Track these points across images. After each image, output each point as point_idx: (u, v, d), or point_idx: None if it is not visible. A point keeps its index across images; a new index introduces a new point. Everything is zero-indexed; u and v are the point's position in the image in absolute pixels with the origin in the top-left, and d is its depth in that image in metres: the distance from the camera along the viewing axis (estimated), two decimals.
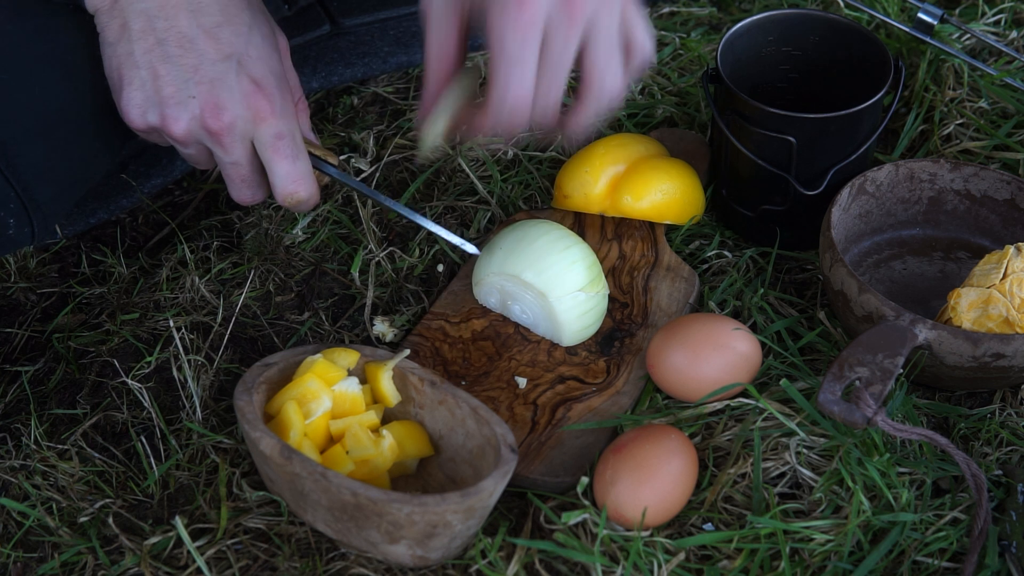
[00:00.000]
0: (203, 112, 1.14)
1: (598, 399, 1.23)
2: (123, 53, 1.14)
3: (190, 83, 1.13)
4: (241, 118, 1.14)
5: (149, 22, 1.13)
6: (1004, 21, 1.59)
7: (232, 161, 1.17)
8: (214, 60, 1.13)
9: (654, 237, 1.36)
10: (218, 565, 1.13)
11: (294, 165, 1.17)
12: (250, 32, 1.15)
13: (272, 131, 1.16)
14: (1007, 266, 1.22)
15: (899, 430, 1.12)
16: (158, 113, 1.14)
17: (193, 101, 1.13)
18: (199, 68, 1.13)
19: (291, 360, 1.20)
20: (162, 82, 1.13)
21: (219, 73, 1.13)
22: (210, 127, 1.14)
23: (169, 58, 1.13)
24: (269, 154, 1.17)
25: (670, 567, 1.10)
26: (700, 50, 1.57)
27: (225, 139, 1.15)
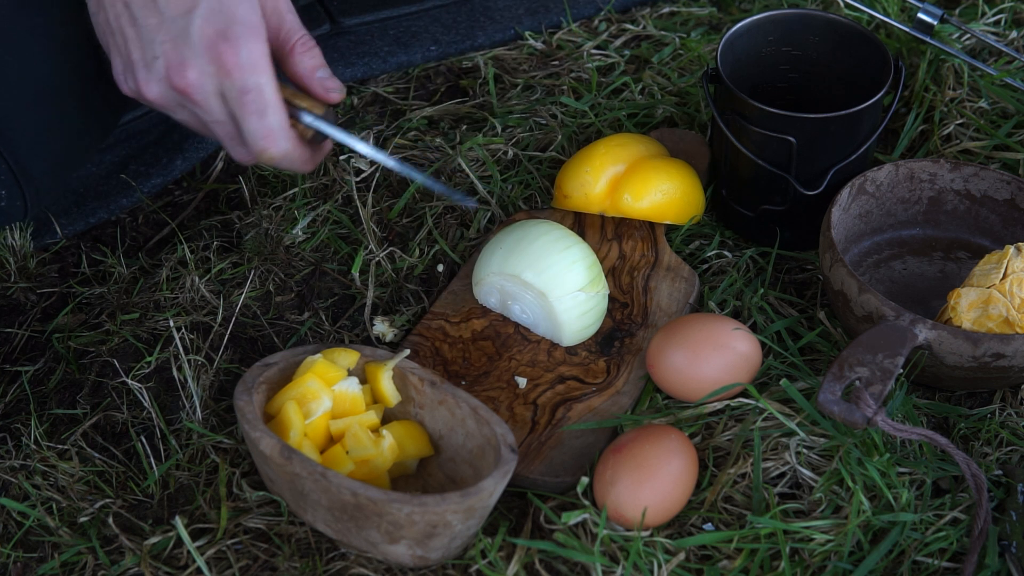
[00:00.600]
0: (168, 71, 1.09)
1: (598, 399, 1.23)
2: (102, 21, 1.11)
3: (154, 43, 1.09)
4: (206, 73, 1.09)
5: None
6: (1004, 21, 1.59)
7: (214, 120, 1.12)
8: (175, 16, 1.09)
9: (654, 237, 1.36)
10: (218, 565, 1.13)
11: (261, 121, 1.10)
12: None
13: (237, 86, 1.10)
14: (1007, 266, 1.22)
15: (899, 430, 1.12)
16: (132, 77, 1.11)
17: (158, 61, 1.09)
18: (161, 26, 1.09)
19: (291, 360, 1.20)
20: (131, 45, 1.10)
21: (180, 29, 1.09)
22: (176, 85, 1.10)
23: (135, 20, 1.09)
24: (236, 109, 1.11)
25: (670, 567, 1.10)
26: (700, 50, 1.57)
27: (195, 96, 1.10)
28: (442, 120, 1.53)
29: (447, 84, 1.58)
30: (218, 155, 1.51)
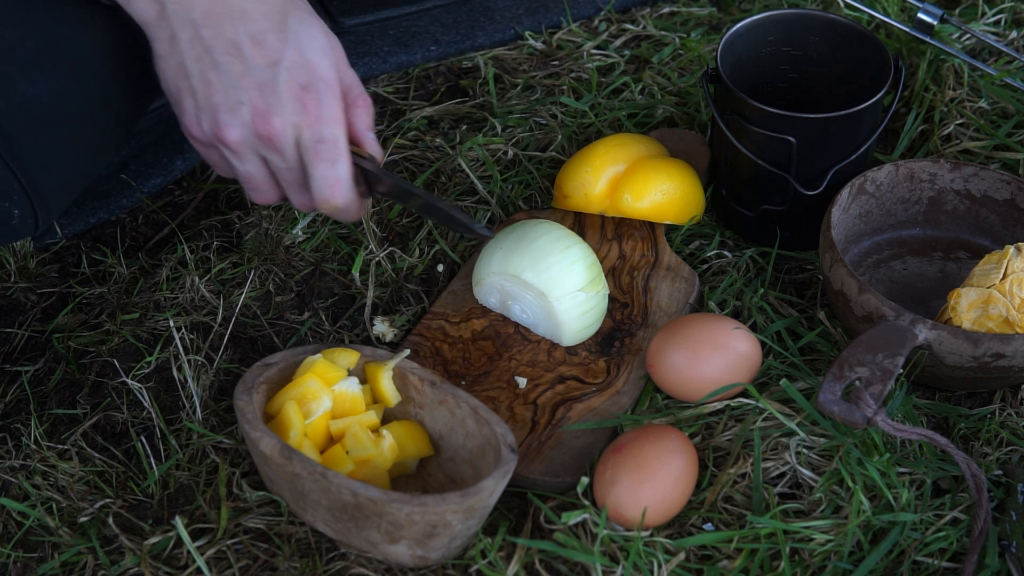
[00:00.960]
0: (253, 118, 1.14)
1: (598, 399, 1.23)
2: (175, 65, 1.14)
3: (239, 89, 1.13)
4: (289, 123, 1.14)
5: (195, 31, 1.13)
6: (1004, 21, 1.59)
7: (285, 166, 1.17)
8: (261, 66, 1.13)
9: (654, 237, 1.36)
10: (218, 565, 1.13)
11: (332, 168, 1.16)
12: (296, 37, 1.15)
13: (314, 135, 1.15)
14: (1007, 266, 1.22)
15: (899, 430, 1.12)
16: (211, 120, 1.14)
17: (243, 107, 1.13)
18: (247, 74, 1.13)
19: (291, 360, 1.20)
20: (212, 89, 1.14)
21: (267, 79, 1.13)
22: (260, 132, 1.14)
23: (217, 65, 1.13)
24: (309, 158, 1.16)
25: (670, 567, 1.10)
26: (700, 50, 1.57)
27: (277, 143, 1.15)
28: (442, 120, 1.53)
29: (447, 84, 1.58)
30: None
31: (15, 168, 1.13)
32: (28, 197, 1.14)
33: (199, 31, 1.13)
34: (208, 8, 1.13)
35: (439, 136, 1.50)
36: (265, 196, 1.20)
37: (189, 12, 1.13)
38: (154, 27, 1.14)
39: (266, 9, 1.14)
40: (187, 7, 1.13)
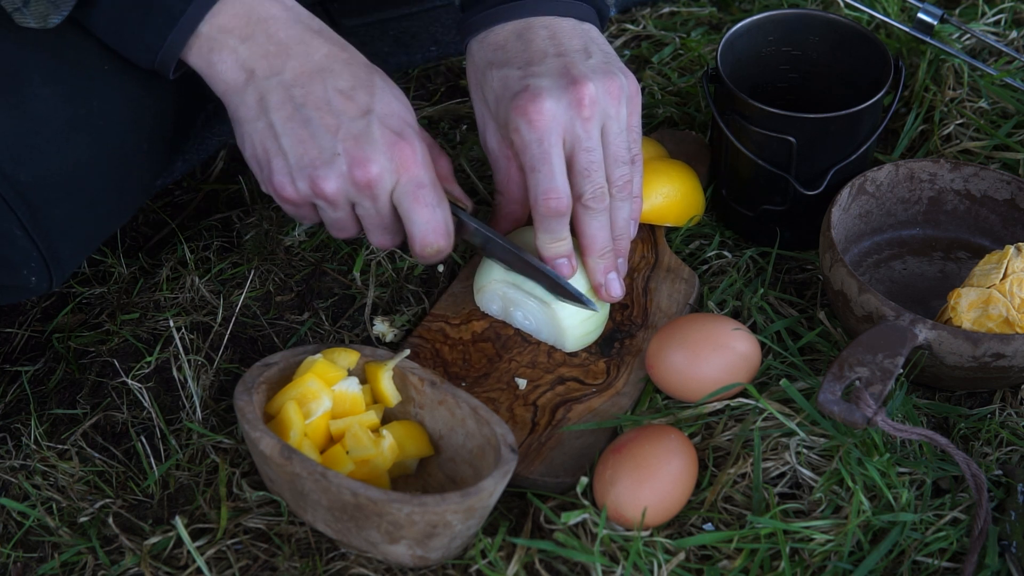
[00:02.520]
0: (350, 167, 1.15)
1: (598, 400, 1.23)
2: (263, 127, 1.16)
3: (334, 141, 1.15)
4: (387, 169, 1.16)
5: (286, 91, 1.16)
6: (1004, 21, 1.59)
7: (378, 213, 1.19)
8: (354, 117, 1.16)
9: (654, 239, 1.36)
10: (218, 565, 1.13)
11: (434, 213, 1.18)
12: (382, 92, 1.18)
13: (414, 180, 1.17)
14: (1007, 266, 1.22)
15: (899, 430, 1.12)
16: (307, 176, 1.16)
17: (339, 158, 1.15)
18: (340, 126, 1.15)
19: (291, 360, 1.20)
20: (306, 146, 1.16)
21: (361, 128, 1.16)
22: (359, 181, 1.16)
23: (309, 121, 1.15)
24: (409, 203, 1.18)
25: (670, 567, 1.10)
26: (700, 50, 1.57)
27: (375, 190, 1.17)
28: (442, 120, 1.53)
29: (447, 84, 1.58)
30: (218, 155, 1.51)
31: (37, 239, 1.15)
32: (46, 264, 1.16)
33: (290, 91, 1.16)
34: (298, 70, 1.16)
35: (439, 136, 1.51)
36: (348, 233, 1.22)
37: (280, 75, 1.16)
38: (240, 94, 1.17)
39: (353, 70, 1.18)
40: (277, 70, 1.16)
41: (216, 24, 1.14)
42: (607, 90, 1.18)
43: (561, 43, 1.20)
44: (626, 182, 1.21)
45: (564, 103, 1.16)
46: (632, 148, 1.22)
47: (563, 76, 1.17)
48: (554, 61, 1.18)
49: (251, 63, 1.15)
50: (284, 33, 1.16)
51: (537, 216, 1.19)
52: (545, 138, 1.16)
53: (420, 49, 1.58)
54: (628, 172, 1.21)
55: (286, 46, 1.16)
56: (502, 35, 1.21)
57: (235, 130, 1.19)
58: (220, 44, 1.15)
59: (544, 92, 1.16)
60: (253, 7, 1.15)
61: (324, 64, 1.17)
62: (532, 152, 1.17)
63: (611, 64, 1.20)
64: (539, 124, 1.16)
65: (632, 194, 1.23)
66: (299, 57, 1.16)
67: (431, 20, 1.61)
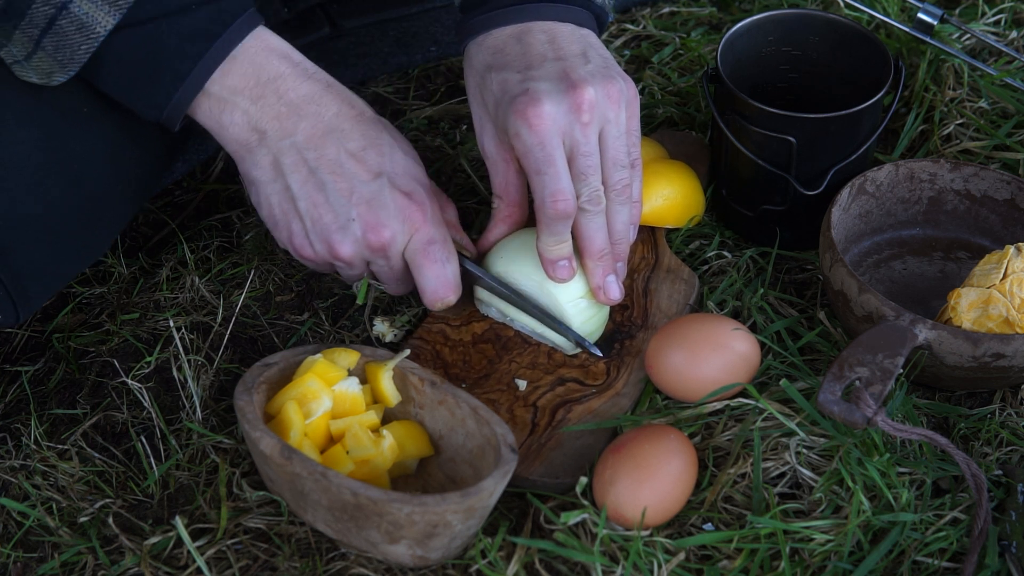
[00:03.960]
0: (365, 232, 1.19)
1: (598, 401, 1.23)
2: (280, 189, 1.19)
3: (348, 206, 1.18)
4: (399, 232, 1.19)
5: (299, 154, 1.18)
6: (1004, 21, 1.59)
7: (391, 268, 1.22)
8: (366, 180, 1.18)
9: (654, 239, 1.36)
10: (218, 565, 1.13)
11: (444, 268, 1.21)
12: (391, 150, 1.21)
13: (425, 238, 1.20)
14: (1007, 266, 1.22)
15: (899, 430, 1.12)
16: (323, 241, 1.19)
17: (354, 223, 1.18)
18: (354, 191, 1.18)
19: (291, 360, 1.20)
20: (321, 210, 1.18)
21: (373, 192, 1.18)
22: (373, 245, 1.19)
23: (324, 185, 1.18)
24: (420, 259, 1.21)
25: (670, 567, 1.10)
26: (700, 50, 1.57)
27: (389, 252, 1.20)
28: (442, 120, 1.53)
29: (447, 84, 1.58)
30: (218, 155, 1.51)
31: (5, 278, 1.16)
32: (13, 302, 1.17)
33: (303, 154, 1.18)
34: (310, 132, 1.18)
35: (439, 136, 1.51)
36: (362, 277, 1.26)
37: (291, 137, 1.18)
38: (253, 155, 1.19)
39: (363, 128, 1.20)
40: (289, 132, 1.18)
41: (226, 85, 1.16)
42: (606, 94, 1.18)
43: (560, 47, 1.20)
44: (624, 186, 1.21)
45: (564, 107, 1.16)
46: (631, 152, 1.22)
47: (562, 80, 1.17)
48: (553, 65, 1.18)
49: (262, 124, 1.17)
50: (295, 93, 1.17)
51: (543, 218, 1.20)
52: (547, 141, 1.17)
53: (420, 49, 1.58)
54: (627, 176, 1.21)
55: (297, 107, 1.18)
56: (500, 38, 1.21)
57: (248, 189, 1.21)
58: (231, 105, 1.17)
59: (544, 96, 1.16)
60: (262, 66, 1.17)
61: (335, 124, 1.18)
62: (535, 156, 1.17)
63: (609, 69, 1.20)
64: (540, 128, 1.16)
65: (631, 198, 1.23)
66: (310, 118, 1.18)
67: (431, 20, 1.61)
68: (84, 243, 1.22)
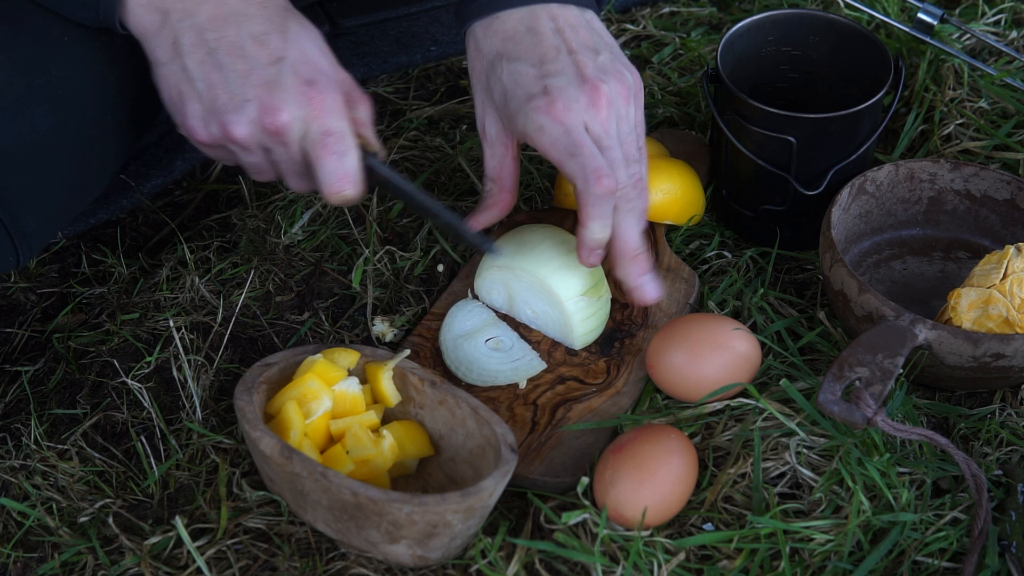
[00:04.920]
0: (260, 114, 1.15)
1: (598, 399, 1.23)
2: (177, 70, 1.16)
3: (245, 87, 1.15)
4: (296, 117, 1.16)
5: (199, 35, 1.15)
6: (1004, 21, 1.59)
7: (288, 159, 1.19)
8: (265, 64, 1.16)
9: (654, 238, 1.36)
10: (218, 565, 1.13)
11: (341, 160, 1.17)
12: (297, 38, 1.18)
13: (322, 128, 1.17)
14: (1007, 266, 1.22)
15: (899, 430, 1.12)
16: (217, 121, 1.16)
17: (250, 104, 1.15)
18: (252, 72, 1.15)
19: (291, 360, 1.20)
20: (218, 90, 1.15)
21: (272, 76, 1.15)
22: (268, 127, 1.16)
23: (222, 66, 1.15)
24: (318, 150, 1.17)
25: (670, 567, 1.10)
26: (700, 50, 1.57)
27: (285, 137, 1.16)
28: (442, 120, 1.53)
29: (447, 84, 1.58)
30: None
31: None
32: (10, 236, 1.15)
33: (203, 35, 1.15)
34: (212, 13, 1.15)
35: (439, 136, 1.51)
36: (266, 177, 1.22)
37: (193, 18, 1.15)
38: (156, 37, 1.16)
39: (268, 14, 1.17)
40: (191, 12, 1.15)
41: None
42: (618, 92, 1.19)
43: (568, 38, 1.20)
44: (638, 180, 1.21)
45: (582, 104, 1.17)
46: (640, 144, 1.23)
47: (578, 76, 1.18)
48: (567, 60, 1.19)
49: (165, 4, 1.15)
50: None
51: (590, 199, 1.19)
52: (574, 128, 1.17)
53: (420, 49, 1.58)
54: (639, 170, 1.21)
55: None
56: (510, 24, 1.21)
57: (153, 73, 1.18)
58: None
59: (563, 93, 1.17)
60: None
61: (238, 8, 1.16)
62: (564, 142, 1.17)
63: (616, 61, 1.21)
64: (565, 119, 1.17)
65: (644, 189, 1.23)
66: (214, 1, 1.15)
67: (431, 20, 1.62)
68: (78, 175, 1.20)
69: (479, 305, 1.30)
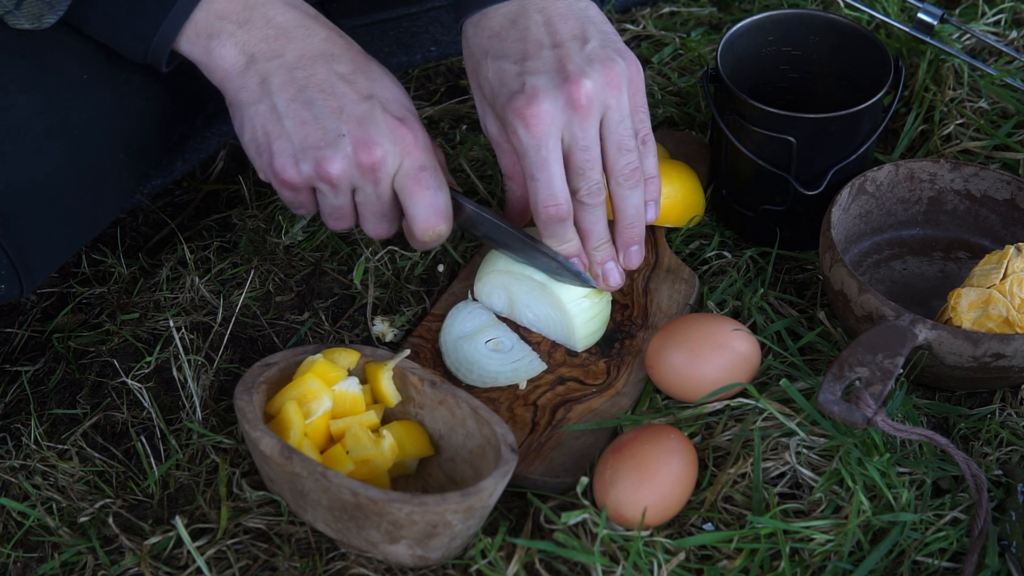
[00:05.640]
0: (356, 149, 1.15)
1: (598, 400, 1.23)
2: (265, 110, 1.16)
3: (338, 123, 1.16)
4: (390, 152, 1.17)
5: (288, 73, 1.16)
6: (1004, 21, 1.59)
7: (378, 197, 1.19)
8: (356, 100, 1.16)
9: (654, 239, 1.36)
10: (218, 565, 1.13)
11: (436, 196, 1.19)
12: (382, 78, 1.19)
13: (417, 163, 1.18)
14: (1007, 266, 1.22)
15: (899, 430, 1.12)
16: (311, 158, 1.16)
17: (344, 139, 1.15)
18: (344, 109, 1.16)
19: (291, 360, 1.20)
20: (310, 127, 1.15)
21: (364, 112, 1.16)
22: (364, 163, 1.16)
23: (313, 103, 1.15)
24: (412, 185, 1.18)
25: (670, 567, 1.10)
26: (700, 50, 1.57)
27: (379, 173, 1.17)
28: (442, 120, 1.53)
29: (447, 84, 1.58)
30: (218, 155, 1.51)
31: (7, 246, 1.15)
32: (16, 271, 1.16)
33: (292, 73, 1.16)
34: (299, 53, 1.16)
35: (439, 136, 1.51)
36: (344, 224, 1.22)
37: (281, 57, 1.16)
38: (240, 78, 1.16)
39: (352, 55, 1.18)
40: (278, 52, 1.16)
41: (212, 10, 1.14)
42: (605, 81, 1.17)
43: (557, 30, 1.18)
44: (633, 169, 1.20)
45: (561, 103, 1.16)
46: (640, 130, 1.21)
47: (559, 73, 1.16)
48: (550, 54, 1.17)
49: (251, 47, 1.15)
50: (282, 17, 1.16)
51: (539, 222, 1.19)
52: (543, 144, 1.16)
53: (420, 49, 1.58)
54: (635, 159, 1.20)
55: (286, 30, 1.16)
56: (496, 20, 1.20)
57: (233, 116, 1.18)
58: (218, 30, 1.15)
59: (540, 93, 1.15)
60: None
61: (325, 48, 1.17)
62: (530, 159, 1.16)
63: (608, 48, 1.18)
64: (536, 129, 1.15)
65: (642, 178, 1.22)
66: (300, 40, 1.16)
67: (431, 20, 1.62)
68: (87, 212, 1.21)
69: (479, 306, 1.30)
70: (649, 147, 1.22)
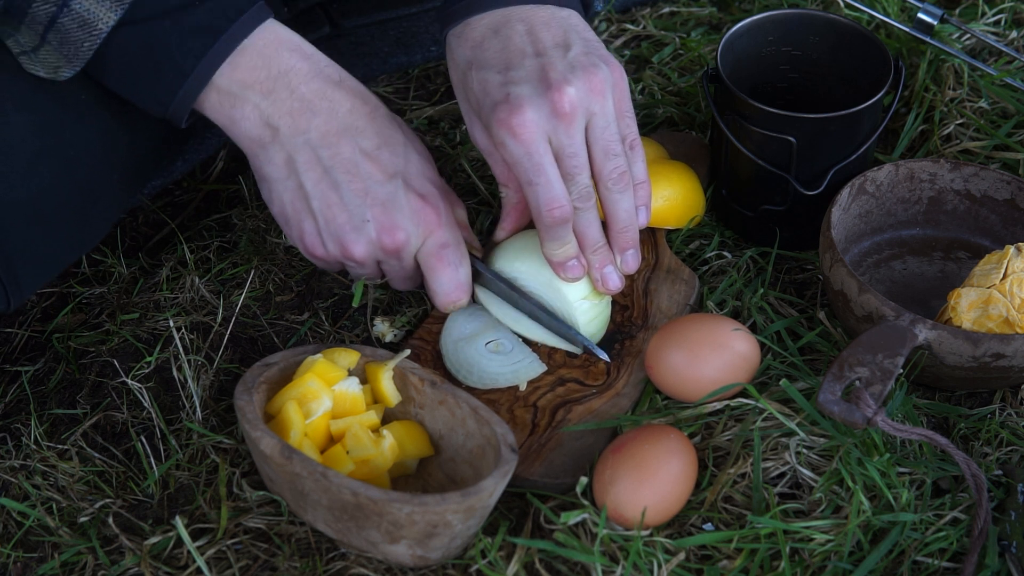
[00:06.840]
0: (379, 234, 1.19)
1: (598, 401, 1.23)
2: (293, 187, 1.18)
3: (363, 207, 1.18)
4: (413, 234, 1.20)
5: (313, 152, 1.17)
6: (1004, 21, 1.59)
7: (402, 267, 1.23)
8: (381, 181, 1.18)
9: (654, 240, 1.36)
10: (218, 565, 1.13)
11: (456, 272, 1.22)
12: (406, 150, 1.20)
13: (438, 241, 1.21)
14: (1007, 266, 1.22)
15: (899, 430, 1.12)
16: (336, 241, 1.19)
17: (368, 224, 1.18)
18: (368, 191, 1.18)
19: (291, 360, 1.20)
20: (335, 210, 1.18)
21: (388, 194, 1.18)
22: (387, 247, 1.19)
23: (338, 185, 1.17)
24: (433, 262, 1.21)
25: (670, 567, 1.10)
26: (700, 50, 1.57)
27: (403, 254, 1.20)
28: (442, 120, 1.53)
29: (447, 84, 1.58)
30: (218, 156, 1.51)
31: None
32: (3, 285, 1.16)
33: (317, 152, 1.17)
34: (323, 129, 1.17)
35: (439, 136, 1.51)
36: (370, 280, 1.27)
37: (305, 134, 1.17)
38: (266, 151, 1.18)
39: (377, 126, 1.19)
40: (303, 129, 1.17)
41: (236, 79, 1.15)
42: (589, 88, 1.17)
43: (539, 39, 1.18)
44: (621, 173, 1.20)
45: (545, 111, 1.15)
46: (627, 135, 1.21)
47: (542, 82, 1.16)
48: (532, 63, 1.17)
49: (275, 120, 1.16)
50: (306, 87, 1.16)
51: (542, 227, 1.19)
52: (533, 150, 1.16)
53: (420, 49, 1.58)
54: (622, 163, 1.20)
55: (310, 102, 1.17)
56: (479, 30, 1.19)
57: (260, 184, 1.20)
58: (242, 100, 1.16)
59: (524, 102, 1.15)
60: (272, 59, 1.16)
61: (349, 122, 1.18)
62: (524, 166, 1.16)
63: (591, 55, 1.18)
64: (524, 137, 1.15)
65: (631, 183, 1.22)
66: (324, 114, 1.17)
67: (431, 20, 1.62)
68: (77, 231, 1.21)
69: (479, 308, 1.30)
70: (637, 152, 1.23)
